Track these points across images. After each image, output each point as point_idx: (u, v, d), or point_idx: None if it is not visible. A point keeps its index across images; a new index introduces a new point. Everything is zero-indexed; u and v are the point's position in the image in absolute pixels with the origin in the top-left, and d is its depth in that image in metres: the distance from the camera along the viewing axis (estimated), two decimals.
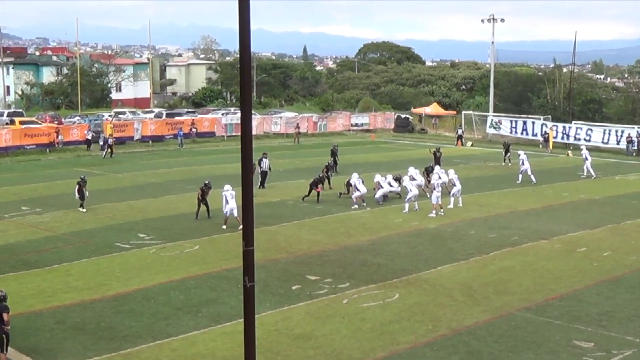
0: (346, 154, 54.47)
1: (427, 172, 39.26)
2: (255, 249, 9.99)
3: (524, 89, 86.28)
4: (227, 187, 31.10)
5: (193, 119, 70.85)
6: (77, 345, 17.52)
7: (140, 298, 21.08)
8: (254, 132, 66.67)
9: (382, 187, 36.16)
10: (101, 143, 57.97)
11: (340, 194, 37.07)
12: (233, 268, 23.23)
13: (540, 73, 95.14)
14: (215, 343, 17.67)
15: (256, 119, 71.44)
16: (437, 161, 44.42)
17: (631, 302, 20.97)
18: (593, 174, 44.94)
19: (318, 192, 36.08)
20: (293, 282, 22.54)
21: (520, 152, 45.40)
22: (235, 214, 30.09)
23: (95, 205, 35.00)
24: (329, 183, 39.47)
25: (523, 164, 43.16)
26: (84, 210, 33.72)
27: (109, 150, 56.15)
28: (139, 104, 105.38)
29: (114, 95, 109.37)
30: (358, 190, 35.34)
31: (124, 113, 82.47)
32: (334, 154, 48.03)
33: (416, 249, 27.06)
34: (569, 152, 61.58)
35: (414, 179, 36.72)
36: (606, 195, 38.64)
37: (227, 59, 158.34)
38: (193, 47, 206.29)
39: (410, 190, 34.51)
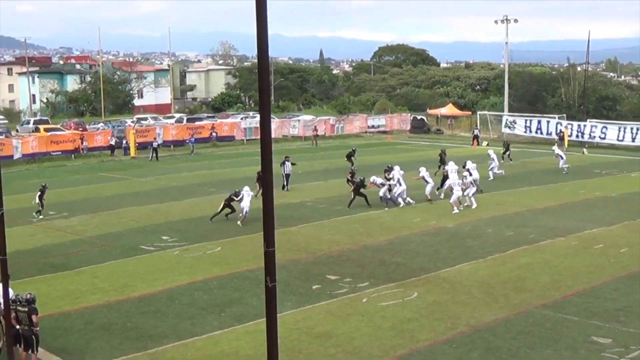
0: (363, 155, 54.74)
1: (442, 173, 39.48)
2: (276, 249, 10.28)
3: (539, 88, 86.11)
4: (246, 188, 32.31)
5: (213, 124, 71.37)
6: (104, 345, 17.90)
7: (165, 299, 21.47)
8: (272, 136, 67.11)
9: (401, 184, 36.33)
10: (124, 147, 59.12)
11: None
12: (255, 269, 23.61)
13: (554, 72, 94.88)
14: (238, 342, 17.98)
15: (274, 123, 71.72)
16: (442, 161, 45.17)
17: None
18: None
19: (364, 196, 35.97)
20: (313, 282, 22.86)
21: (490, 151, 46.79)
22: (244, 213, 31.37)
23: (119, 208, 35.60)
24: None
25: (493, 161, 44.82)
26: (41, 216, 34.10)
27: (154, 153, 57.02)
28: (160, 109, 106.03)
29: (136, 102, 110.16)
30: (400, 185, 35.82)
31: (145, 119, 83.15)
32: (350, 156, 48.37)
33: (434, 248, 27.32)
34: (584, 150, 61.68)
35: (428, 182, 36.80)
36: (622, 192, 38.72)
37: (245, 64, 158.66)
38: (212, 53, 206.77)
39: (400, 185, 35.38)
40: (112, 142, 61.33)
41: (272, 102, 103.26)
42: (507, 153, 53.07)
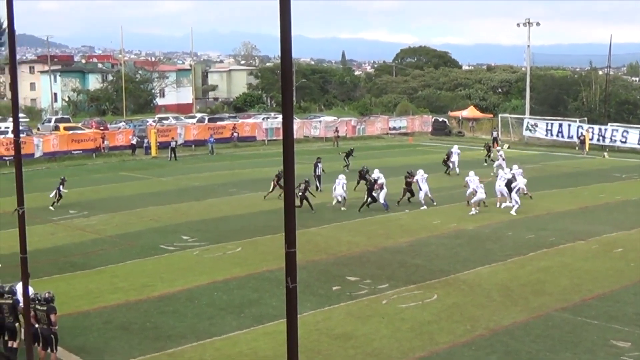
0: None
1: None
2: (297, 250, 10.31)
3: (560, 91, 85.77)
4: (341, 176, 36.37)
5: (234, 124, 71.55)
6: (123, 345, 18.01)
7: (184, 299, 21.56)
8: (294, 136, 67.04)
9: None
10: (145, 146, 59.51)
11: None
12: (274, 269, 23.69)
13: (575, 76, 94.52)
14: (257, 343, 18.04)
15: (296, 123, 71.73)
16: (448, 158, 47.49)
17: None
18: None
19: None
20: (333, 283, 22.91)
21: (455, 147, 49.61)
22: (339, 199, 35.68)
23: (140, 208, 35.76)
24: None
25: (454, 156, 47.39)
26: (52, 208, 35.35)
27: (173, 153, 57.31)
28: (182, 109, 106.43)
29: (158, 101, 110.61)
30: (420, 189, 36.00)
31: (167, 118, 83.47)
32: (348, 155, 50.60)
33: (454, 250, 27.33)
34: (605, 153, 61.53)
35: (421, 188, 36.66)
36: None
37: (267, 64, 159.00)
38: (234, 54, 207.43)
39: (421, 189, 35.94)
40: (134, 142, 61.61)
41: (294, 102, 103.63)
42: (489, 155, 53.69)
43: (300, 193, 33.77)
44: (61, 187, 36.85)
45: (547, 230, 30.66)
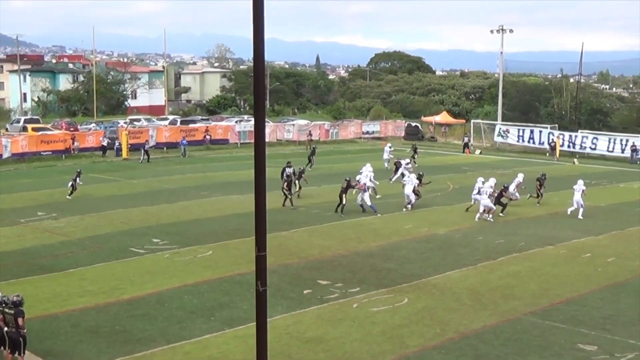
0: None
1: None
2: (268, 253, 10.30)
3: (532, 98, 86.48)
4: (411, 176, 37.54)
5: (207, 126, 71.40)
6: (91, 348, 17.84)
7: (154, 302, 21.44)
8: (267, 140, 66.92)
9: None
10: (116, 148, 59.33)
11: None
12: (245, 273, 23.61)
13: (547, 83, 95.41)
14: (228, 346, 17.99)
15: (269, 127, 71.81)
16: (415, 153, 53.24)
17: (634, 307, 21.31)
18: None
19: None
20: (304, 287, 22.91)
21: (386, 146, 53.53)
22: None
23: (110, 210, 35.50)
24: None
25: (385, 154, 51.63)
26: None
27: (146, 155, 57.07)
28: (154, 111, 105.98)
29: (130, 103, 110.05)
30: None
31: (139, 120, 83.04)
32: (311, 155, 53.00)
33: (425, 255, 27.43)
34: (575, 160, 62.30)
35: (368, 188, 36.95)
36: (610, 202, 38.92)
37: (241, 67, 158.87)
38: (207, 56, 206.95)
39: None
40: (104, 143, 61.20)
41: (267, 106, 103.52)
42: (414, 156, 54.52)
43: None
44: (77, 178, 38.63)
45: (517, 235, 30.88)
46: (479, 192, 35.21)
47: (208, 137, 68.07)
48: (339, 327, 19.31)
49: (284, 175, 39.34)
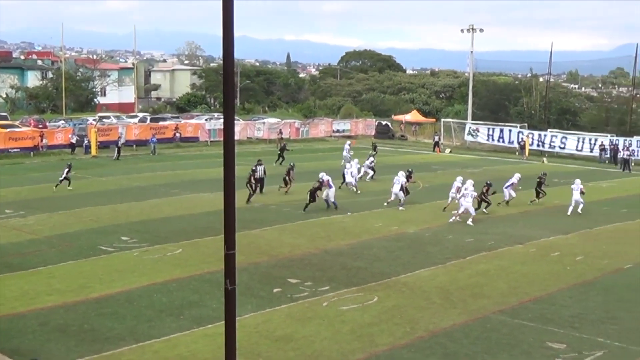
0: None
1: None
2: (237, 252, 10.24)
3: (502, 97, 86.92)
4: (400, 172, 37.50)
5: (177, 124, 71.13)
6: (59, 347, 17.68)
7: (123, 300, 21.30)
8: (237, 138, 66.68)
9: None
10: (85, 144, 59.18)
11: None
12: (215, 271, 23.52)
13: (517, 82, 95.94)
14: (197, 345, 17.89)
15: (239, 125, 71.71)
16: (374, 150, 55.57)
17: (602, 305, 21.50)
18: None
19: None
20: (274, 285, 22.86)
21: (347, 147, 54.01)
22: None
23: (78, 208, 35.25)
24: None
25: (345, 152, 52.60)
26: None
27: (118, 152, 56.75)
28: (124, 108, 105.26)
29: (99, 100, 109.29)
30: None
31: (108, 117, 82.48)
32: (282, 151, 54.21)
33: (395, 253, 27.47)
34: (544, 159, 62.82)
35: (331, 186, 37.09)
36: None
37: (212, 64, 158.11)
38: (177, 53, 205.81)
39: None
40: (73, 141, 60.80)
41: (237, 104, 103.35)
42: (374, 154, 54.67)
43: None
44: (69, 171, 40.96)
45: (487, 234, 31.03)
46: (457, 192, 35.34)
47: (178, 134, 67.84)
48: (308, 326, 19.28)
49: (254, 171, 39.40)
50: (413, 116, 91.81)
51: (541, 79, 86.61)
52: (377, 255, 27.14)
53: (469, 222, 33.21)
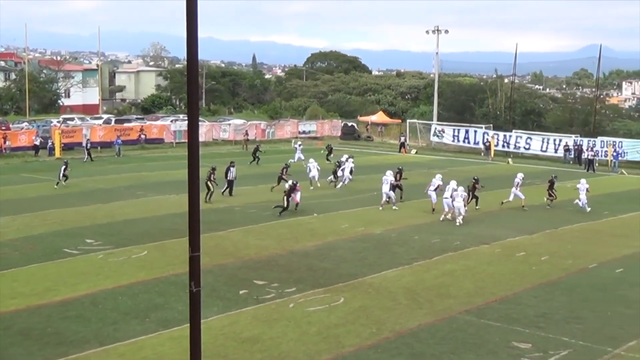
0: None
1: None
2: (203, 254, 10.17)
3: (467, 98, 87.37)
4: (388, 172, 38.15)
5: (142, 126, 70.78)
6: (22, 351, 17.49)
7: (88, 303, 21.12)
8: (202, 139, 66.39)
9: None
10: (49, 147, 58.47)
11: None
12: (181, 273, 23.38)
13: (482, 83, 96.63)
14: (162, 348, 17.80)
15: (205, 126, 71.53)
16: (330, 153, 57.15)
17: (567, 305, 21.68)
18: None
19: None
20: (240, 287, 22.78)
21: (297, 144, 56.58)
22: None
23: (43, 210, 34.92)
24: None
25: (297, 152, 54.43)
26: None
27: (88, 154, 56.38)
28: (88, 110, 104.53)
29: (63, 101, 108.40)
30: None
31: (72, 119, 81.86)
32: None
33: (361, 254, 27.51)
34: (510, 159, 63.28)
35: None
36: (544, 201, 39.40)
37: (177, 66, 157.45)
38: (142, 54, 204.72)
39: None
40: (37, 142, 60.28)
41: (202, 105, 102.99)
42: (330, 156, 56.34)
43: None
44: (66, 169, 42.36)
45: (453, 234, 31.17)
46: (437, 189, 35.92)
47: (143, 136, 67.52)
48: (275, 327, 19.25)
49: (227, 174, 39.42)
50: (379, 117, 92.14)
51: (506, 80, 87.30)
52: (343, 256, 27.16)
53: (458, 221, 33.44)
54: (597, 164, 59.52)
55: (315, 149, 58.63)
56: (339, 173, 45.04)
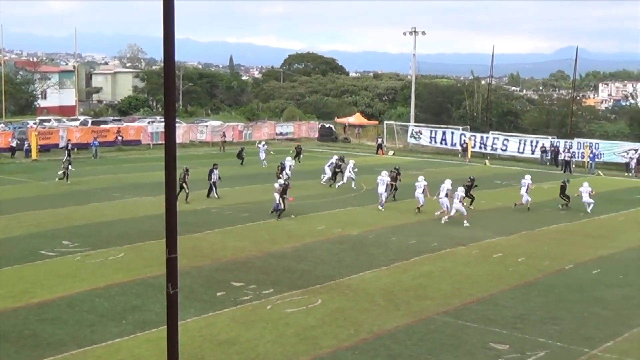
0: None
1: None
2: (180, 255, 10.17)
3: (444, 100, 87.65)
4: (383, 172, 38.56)
5: (119, 127, 70.50)
6: None
7: (65, 305, 21.01)
8: (180, 141, 66.22)
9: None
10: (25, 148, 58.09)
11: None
12: (158, 275, 23.31)
13: (459, 85, 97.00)
14: (139, 350, 17.72)
15: (182, 128, 71.39)
16: (298, 155, 57.81)
17: (544, 306, 21.76)
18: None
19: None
20: (218, 289, 22.74)
21: (260, 144, 58.35)
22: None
23: (19, 212, 34.72)
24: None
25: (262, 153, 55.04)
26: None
27: (69, 156, 56.06)
28: (65, 111, 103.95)
29: (40, 103, 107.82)
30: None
31: (49, 121, 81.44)
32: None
33: (339, 256, 27.52)
34: (487, 161, 63.62)
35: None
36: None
37: (154, 67, 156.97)
38: (119, 56, 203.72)
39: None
40: (13, 144, 59.94)
41: (179, 107, 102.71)
42: (298, 158, 57.09)
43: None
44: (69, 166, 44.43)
45: (430, 235, 31.26)
46: (423, 192, 36.42)
47: (120, 138, 67.28)
48: (252, 329, 19.22)
49: (211, 176, 39.58)
50: (356, 119, 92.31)
51: (483, 82, 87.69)
52: (320, 257, 27.16)
53: (465, 223, 33.71)
54: (573, 166, 59.91)
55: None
56: (347, 174, 45.62)
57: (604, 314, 21.18)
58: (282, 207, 34.53)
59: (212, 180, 39.72)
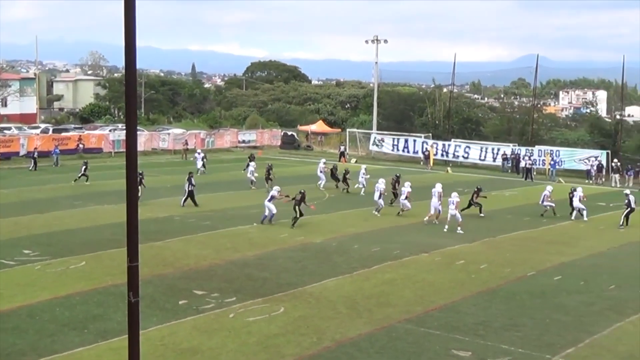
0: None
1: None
2: (142, 264, 10.14)
3: (406, 107, 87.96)
4: (381, 180, 39.39)
5: (80, 135, 69.99)
6: None
7: (25, 315, 20.77)
8: (141, 149, 65.96)
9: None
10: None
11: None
12: (120, 284, 23.11)
13: (421, 92, 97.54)
14: (101, 359, 17.57)
15: (144, 136, 71.03)
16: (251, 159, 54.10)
17: (505, 312, 21.90)
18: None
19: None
20: (180, 297, 22.62)
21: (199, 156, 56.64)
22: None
23: None
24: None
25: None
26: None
27: (34, 163, 55.55)
28: (25, 119, 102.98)
29: (0, 111, 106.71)
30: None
31: (9, 128, 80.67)
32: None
33: (301, 263, 27.51)
34: (448, 168, 64.01)
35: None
36: (483, 209, 39.87)
37: (115, 75, 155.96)
38: (81, 63, 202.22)
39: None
40: None
41: (141, 114, 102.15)
42: (252, 163, 55.82)
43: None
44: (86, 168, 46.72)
45: (393, 242, 31.35)
46: (406, 198, 37.59)
47: (81, 145, 66.73)
48: (214, 338, 19.14)
49: (188, 184, 39.55)
50: (319, 126, 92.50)
51: (445, 90, 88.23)
52: (283, 265, 27.13)
53: (459, 229, 34.14)
54: (534, 173, 60.44)
55: (257, 158, 58.49)
56: (360, 179, 46.70)
57: (566, 321, 21.36)
58: (298, 215, 34.51)
59: (190, 188, 39.47)
